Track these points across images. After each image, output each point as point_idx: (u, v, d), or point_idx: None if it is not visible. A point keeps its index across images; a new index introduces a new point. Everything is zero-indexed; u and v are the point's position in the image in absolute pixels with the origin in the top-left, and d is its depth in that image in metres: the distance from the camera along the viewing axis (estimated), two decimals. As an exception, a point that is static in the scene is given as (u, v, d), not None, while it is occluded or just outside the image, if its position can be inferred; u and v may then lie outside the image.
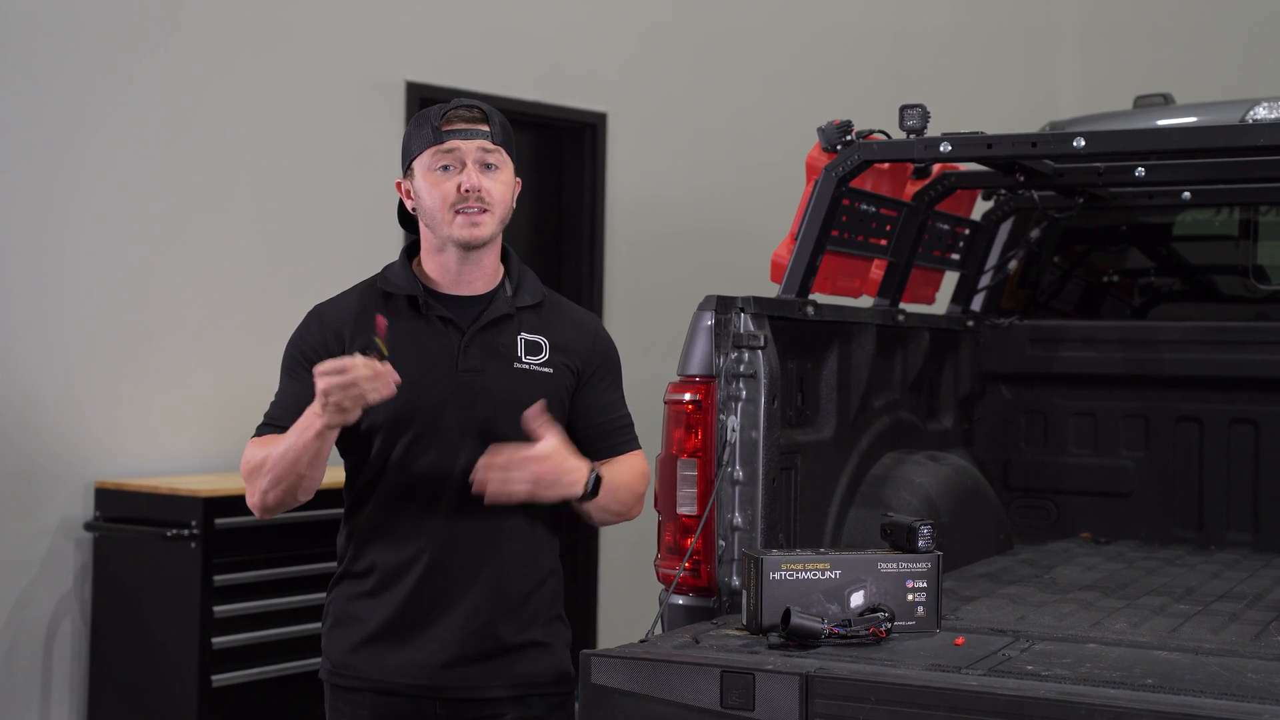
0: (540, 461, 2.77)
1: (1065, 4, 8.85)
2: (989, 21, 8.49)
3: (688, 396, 3.41)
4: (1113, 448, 4.85)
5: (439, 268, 2.96)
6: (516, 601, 2.96)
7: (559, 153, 6.74)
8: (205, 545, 4.84)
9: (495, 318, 2.96)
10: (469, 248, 2.91)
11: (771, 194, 6.81)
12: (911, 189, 4.25)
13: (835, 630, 2.97)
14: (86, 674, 5.08)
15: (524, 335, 2.97)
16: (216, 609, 4.86)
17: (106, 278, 5.18)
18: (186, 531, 4.83)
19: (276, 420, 2.92)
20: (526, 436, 2.88)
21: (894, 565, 3.11)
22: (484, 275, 2.98)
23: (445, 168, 2.89)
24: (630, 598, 6.56)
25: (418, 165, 2.92)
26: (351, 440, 2.96)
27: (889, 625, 3.04)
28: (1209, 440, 4.74)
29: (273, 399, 2.99)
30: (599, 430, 3.03)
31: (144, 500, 4.96)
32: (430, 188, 2.90)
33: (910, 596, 3.12)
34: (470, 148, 2.88)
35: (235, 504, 4.91)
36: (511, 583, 2.95)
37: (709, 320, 3.44)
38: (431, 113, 2.92)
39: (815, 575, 3.06)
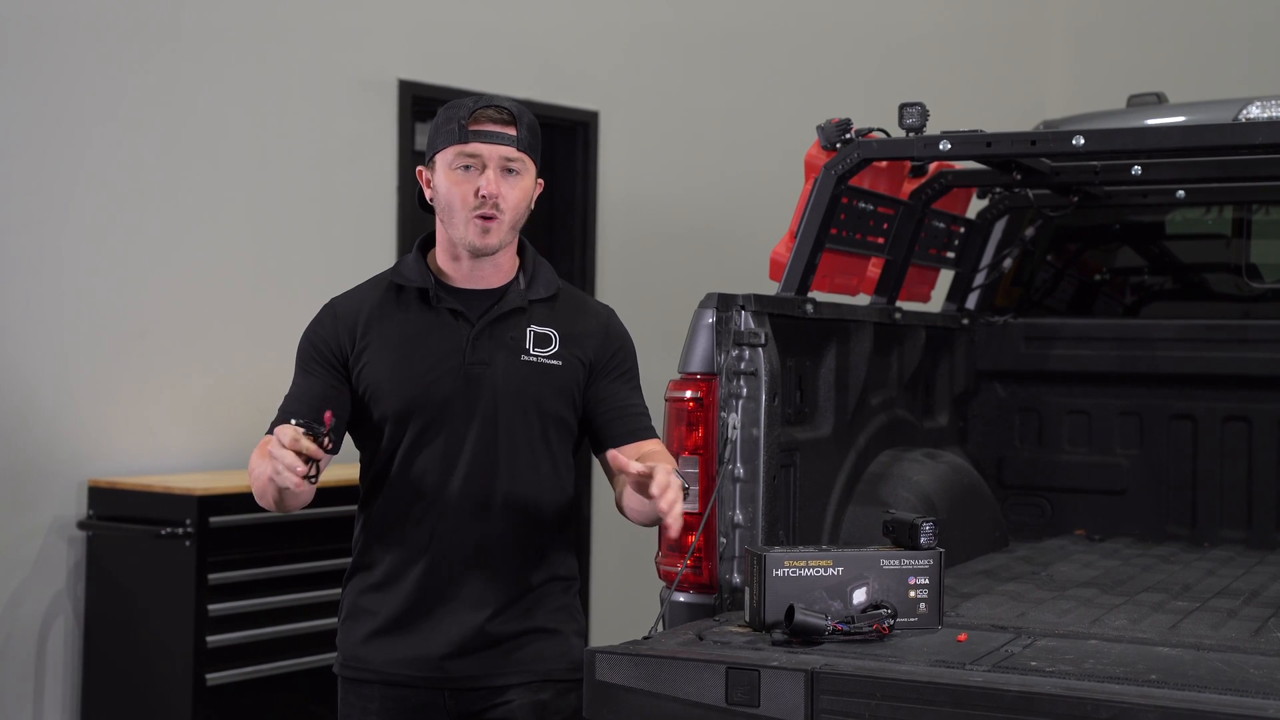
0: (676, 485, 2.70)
1: (1054, 5, 8.87)
2: (979, 22, 8.51)
3: (689, 394, 3.41)
4: (1107, 445, 4.87)
5: (452, 263, 2.97)
6: (521, 593, 2.96)
7: (551, 151, 6.73)
8: (200, 544, 4.82)
9: (505, 311, 2.95)
10: (478, 254, 2.93)
11: (764, 193, 6.82)
12: (908, 187, 4.26)
13: (838, 627, 2.98)
14: (80, 673, 5.06)
15: (533, 328, 2.97)
16: (211, 607, 4.84)
17: (100, 275, 5.16)
18: (181, 530, 4.81)
19: (290, 413, 2.92)
20: (532, 427, 2.92)
21: (896, 562, 3.13)
22: (498, 271, 2.98)
23: (466, 168, 2.89)
24: (623, 598, 6.57)
25: (439, 160, 2.92)
26: (364, 433, 2.97)
27: (891, 622, 3.05)
28: (1202, 438, 4.76)
29: (289, 389, 2.99)
30: (616, 415, 2.99)
31: (138, 499, 4.95)
32: (449, 186, 2.89)
33: (912, 593, 3.13)
34: (493, 152, 2.88)
35: (230, 502, 4.91)
36: (516, 576, 2.95)
37: (710, 318, 3.44)
38: (461, 108, 2.91)
39: (818, 572, 3.07)
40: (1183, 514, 4.79)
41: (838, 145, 3.70)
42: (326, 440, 2.67)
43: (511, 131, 2.90)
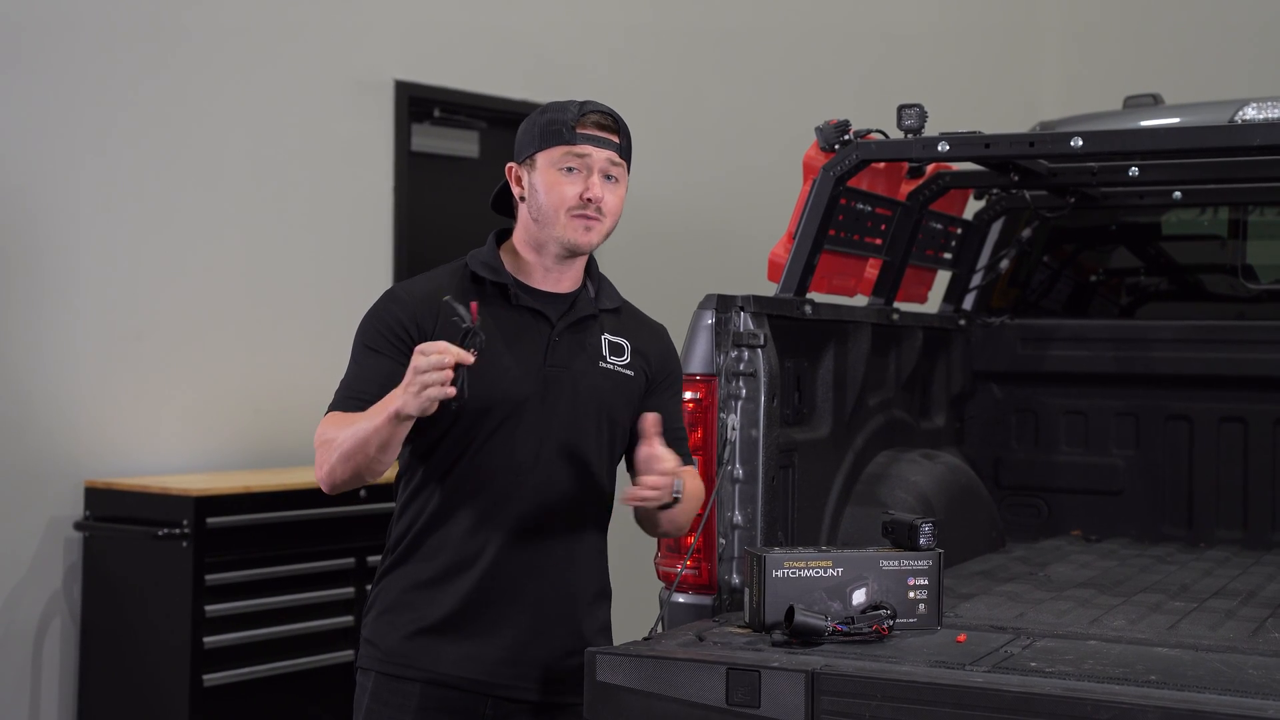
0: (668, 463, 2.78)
1: (1048, 5, 8.88)
2: (974, 22, 8.52)
3: (688, 395, 3.41)
4: (1103, 446, 4.88)
5: (534, 261, 2.93)
6: (581, 603, 2.94)
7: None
8: (197, 544, 4.82)
9: (582, 316, 2.94)
10: (574, 252, 2.90)
11: (759, 193, 6.83)
12: (906, 188, 4.27)
13: (838, 627, 2.98)
14: (76, 674, 5.06)
15: (608, 336, 2.97)
16: (208, 608, 4.84)
17: (96, 278, 5.16)
18: (178, 531, 4.81)
19: (359, 394, 2.81)
20: (602, 434, 2.91)
21: (896, 563, 3.13)
22: (572, 276, 2.96)
23: (571, 170, 2.87)
24: (620, 598, 6.56)
25: (542, 159, 2.88)
26: (425, 424, 2.82)
27: (891, 622, 3.05)
28: (1199, 438, 4.77)
29: (345, 377, 2.88)
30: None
31: (135, 499, 4.94)
32: (551, 186, 2.87)
33: (912, 594, 3.14)
34: (600, 156, 2.88)
35: (227, 503, 4.91)
36: (578, 583, 2.93)
37: (709, 319, 3.45)
38: (567, 110, 2.89)
39: (817, 573, 3.08)
40: (1179, 514, 4.80)
41: (836, 146, 3.70)
42: (472, 351, 2.62)
43: (617, 139, 2.91)
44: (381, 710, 2.90)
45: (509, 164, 2.96)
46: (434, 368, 2.59)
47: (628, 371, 2.96)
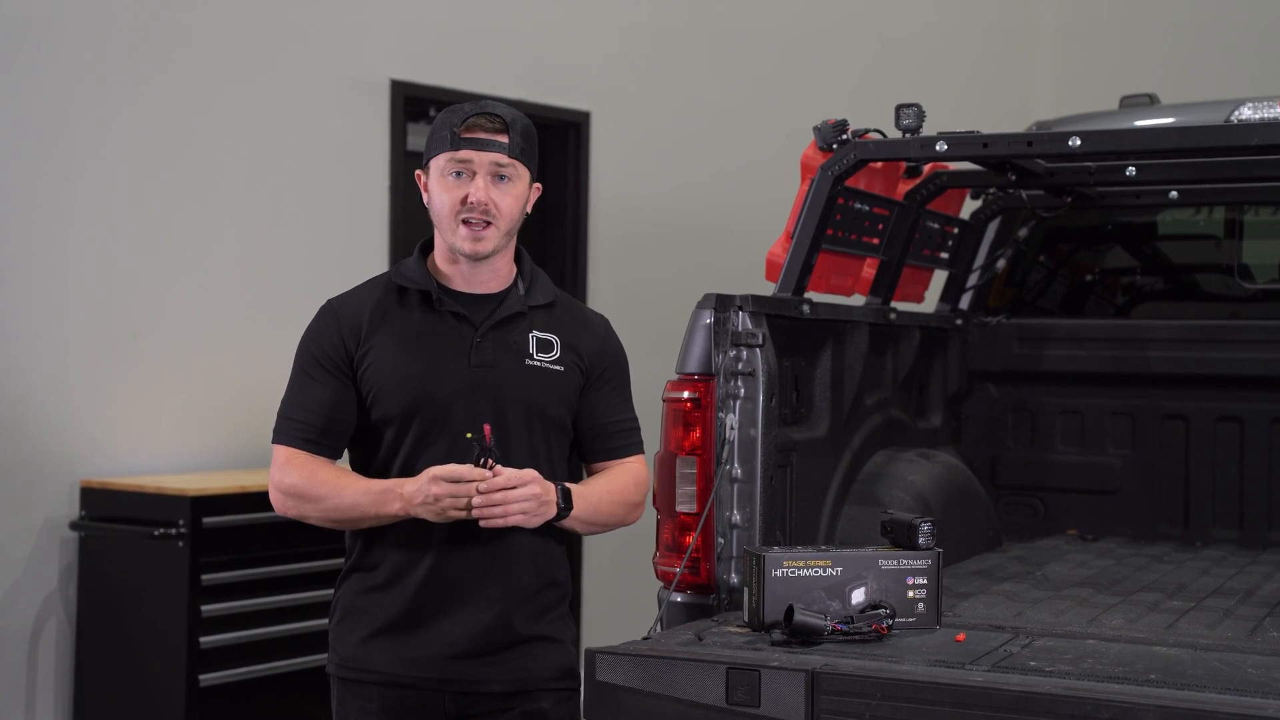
0: (530, 484, 2.83)
1: (1044, 5, 8.89)
2: (970, 21, 8.53)
3: (686, 394, 3.42)
4: (1099, 445, 4.88)
5: (451, 266, 3.00)
6: (526, 596, 2.98)
7: (542, 152, 6.66)
8: (193, 544, 4.81)
9: (508, 315, 2.99)
10: (472, 259, 2.95)
11: (755, 193, 6.83)
12: (903, 188, 4.27)
13: (837, 627, 2.99)
14: (72, 675, 5.05)
15: (536, 333, 3.00)
16: (204, 608, 4.83)
17: (92, 277, 5.15)
18: (174, 531, 4.80)
19: (301, 422, 2.95)
20: (534, 431, 2.94)
21: (895, 562, 3.14)
22: (496, 276, 3.01)
23: (457, 174, 2.93)
24: (615, 598, 6.57)
25: (433, 166, 2.96)
26: (364, 432, 2.97)
27: (890, 622, 3.06)
28: (1195, 438, 4.78)
29: (285, 395, 2.99)
30: (599, 432, 3.07)
31: (131, 499, 4.93)
32: (440, 193, 2.94)
33: (910, 593, 3.14)
34: (484, 159, 2.92)
35: (223, 503, 4.90)
36: (521, 578, 2.97)
37: (708, 318, 3.45)
38: (456, 114, 2.94)
39: (817, 572, 3.08)
40: (1175, 514, 4.81)
41: (834, 146, 3.70)
42: (488, 463, 2.79)
43: (503, 139, 2.94)
44: (347, 714, 3.01)
45: (417, 172, 3.02)
46: (459, 494, 2.78)
47: (556, 367, 2.99)
